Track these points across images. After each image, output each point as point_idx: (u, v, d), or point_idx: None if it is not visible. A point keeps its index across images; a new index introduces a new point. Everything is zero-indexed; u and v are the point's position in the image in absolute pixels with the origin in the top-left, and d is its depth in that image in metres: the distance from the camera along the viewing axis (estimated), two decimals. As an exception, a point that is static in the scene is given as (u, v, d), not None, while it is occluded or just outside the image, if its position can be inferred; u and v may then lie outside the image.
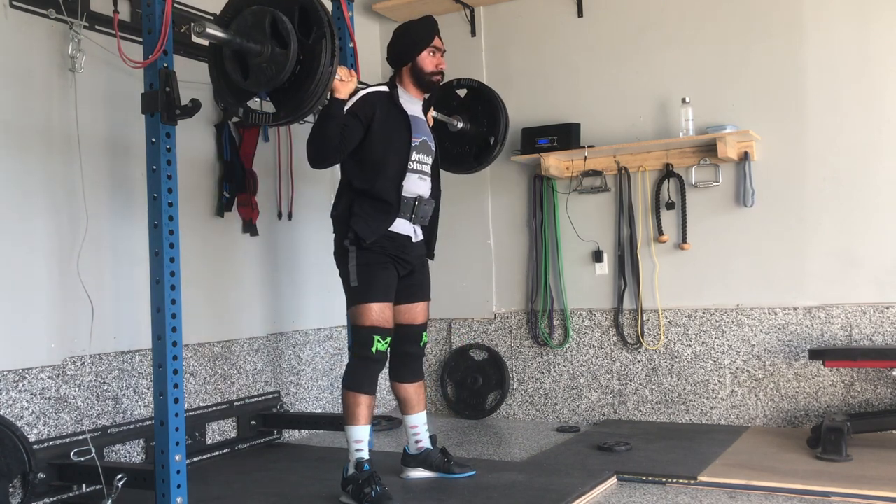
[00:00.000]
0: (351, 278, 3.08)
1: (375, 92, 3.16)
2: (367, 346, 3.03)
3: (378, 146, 3.08)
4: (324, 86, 2.65)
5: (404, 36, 3.27)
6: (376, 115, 3.08)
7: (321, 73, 2.62)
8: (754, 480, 3.08)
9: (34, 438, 3.03)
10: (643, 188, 4.45)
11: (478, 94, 3.82)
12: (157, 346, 2.75)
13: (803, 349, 4.05)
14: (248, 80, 2.68)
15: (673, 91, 4.35)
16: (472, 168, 3.90)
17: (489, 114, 3.80)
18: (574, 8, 4.66)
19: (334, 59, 2.63)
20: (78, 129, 3.23)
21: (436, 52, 3.27)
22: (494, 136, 3.78)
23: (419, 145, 3.20)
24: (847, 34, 4.02)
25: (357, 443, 3.01)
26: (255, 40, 2.62)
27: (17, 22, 3.10)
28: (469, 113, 3.80)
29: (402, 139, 3.13)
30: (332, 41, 2.62)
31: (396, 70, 3.28)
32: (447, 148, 3.77)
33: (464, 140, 3.82)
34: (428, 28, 3.27)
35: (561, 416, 4.63)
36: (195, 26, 2.54)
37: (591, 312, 4.58)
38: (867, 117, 3.98)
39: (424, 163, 3.24)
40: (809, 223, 4.08)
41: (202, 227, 3.83)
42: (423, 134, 3.24)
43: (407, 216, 3.16)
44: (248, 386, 4.03)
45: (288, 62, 2.59)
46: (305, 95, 2.65)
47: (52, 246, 3.17)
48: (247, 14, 2.65)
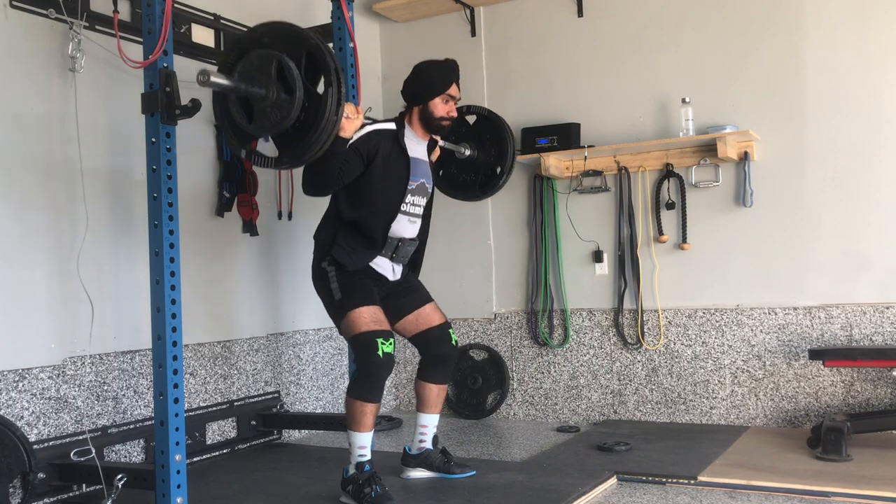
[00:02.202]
0: (334, 292, 3.04)
1: (381, 130, 3.12)
2: (371, 351, 2.92)
3: (374, 185, 3.06)
4: (328, 134, 2.61)
5: (421, 77, 3.23)
6: (378, 154, 3.05)
7: (326, 122, 2.58)
8: (754, 480, 3.08)
9: (34, 438, 3.03)
10: (643, 188, 4.45)
11: (487, 122, 3.74)
12: (157, 346, 2.75)
13: (803, 349, 4.05)
14: (252, 124, 2.64)
15: (673, 91, 4.35)
16: (477, 197, 3.84)
17: (497, 143, 3.72)
18: (574, 8, 4.66)
19: (339, 107, 2.58)
20: (78, 130, 3.23)
21: (449, 100, 3.21)
22: (501, 167, 3.71)
23: (415, 188, 3.18)
24: (847, 34, 4.02)
25: (360, 448, 2.99)
26: (261, 84, 2.57)
27: (17, 22, 3.10)
28: (477, 140, 3.72)
29: (400, 181, 3.11)
30: (338, 90, 2.56)
31: (408, 106, 3.25)
32: (453, 174, 3.72)
33: (470, 168, 3.74)
34: (446, 74, 3.21)
35: (561, 416, 4.63)
36: (199, 75, 2.51)
37: (591, 312, 4.58)
38: (867, 117, 3.98)
39: (418, 205, 3.23)
40: (809, 223, 4.08)
41: (202, 227, 3.83)
42: (421, 176, 3.21)
43: (388, 255, 3.17)
44: (248, 386, 4.04)
45: (293, 109, 2.55)
46: (309, 143, 2.61)
47: (52, 246, 3.17)
48: (253, 57, 2.61)
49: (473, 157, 3.70)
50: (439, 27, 5.02)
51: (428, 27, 5.06)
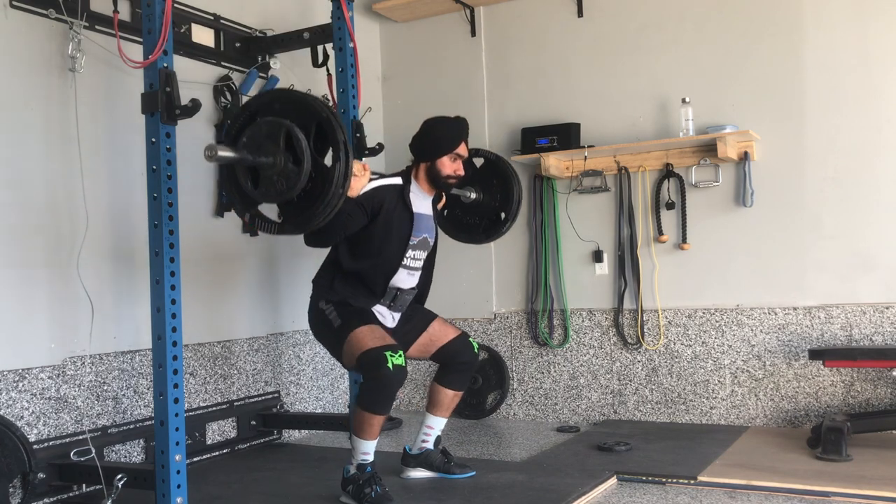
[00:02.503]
0: (333, 321, 3.03)
1: (387, 186, 3.11)
2: (380, 365, 2.83)
3: (376, 239, 3.06)
4: (333, 207, 2.57)
5: (430, 134, 3.22)
6: (382, 210, 3.05)
7: (332, 196, 2.54)
8: (754, 480, 3.08)
9: (34, 438, 3.03)
10: (643, 188, 4.45)
11: (494, 166, 3.70)
12: (157, 346, 2.75)
13: (803, 349, 4.05)
14: (257, 190, 2.61)
15: (673, 91, 4.35)
16: (480, 240, 3.81)
17: (503, 188, 3.68)
18: (574, 8, 4.66)
19: (346, 181, 2.54)
20: (78, 129, 3.23)
21: (457, 159, 3.21)
22: (506, 212, 3.67)
23: (417, 243, 3.18)
24: (847, 34, 4.02)
25: (364, 454, 2.98)
26: (268, 151, 2.54)
27: (17, 22, 3.09)
28: (483, 183, 3.68)
29: (402, 236, 3.11)
30: (346, 164, 2.53)
31: (415, 161, 3.24)
32: (457, 216, 3.69)
33: (475, 211, 3.71)
34: (455, 133, 3.19)
35: (561, 416, 4.63)
36: (206, 150, 2.49)
37: (591, 312, 4.58)
38: (867, 117, 3.98)
39: (418, 259, 3.23)
40: (809, 223, 4.08)
41: (202, 227, 3.83)
42: (424, 231, 3.22)
43: (386, 304, 3.16)
44: (248, 386, 4.03)
45: (300, 180, 2.51)
46: (314, 214, 2.58)
47: (52, 246, 3.17)
48: (262, 124, 2.57)
49: (479, 200, 3.65)
50: (439, 27, 5.02)
51: (428, 27, 5.06)
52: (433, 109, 4.98)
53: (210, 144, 2.50)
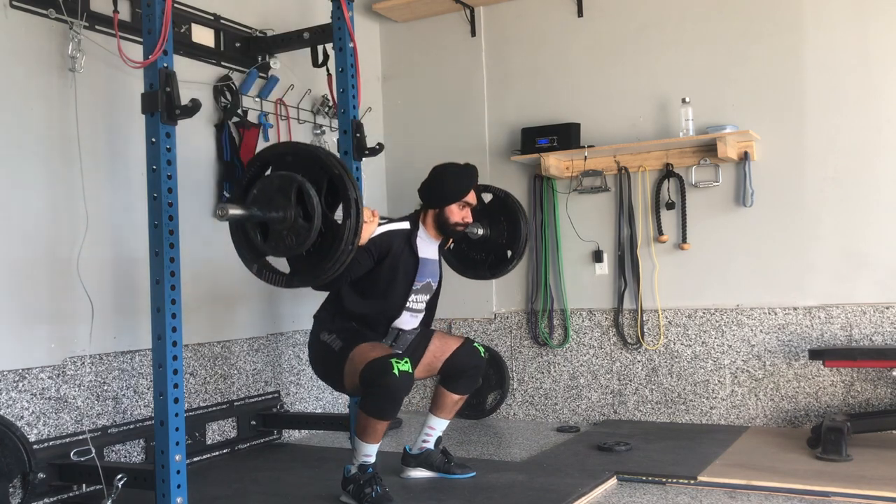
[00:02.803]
0: (334, 346, 3.02)
1: (395, 231, 3.12)
2: (385, 373, 2.80)
3: (381, 283, 3.07)
4: (342, 263, 2.56)
5: (440, 182, 3.21)
6: (389, 255, 3.06)
7: (341, 253, 2.52)
8: (754, 480, 3.08)
9: (34, 438, 3.03)
10: (643, 188, 4.45)
11: (503, 203, 3.67)
12: (157, 346, 2.75)
13: (803, 349, 4.05)
14: (266, 243, 2.60)
15: (673, 91, 4.35)
16: (485, 276, 3.78)
17: (511, 226, 3.65)
18: (574, 8, 4.66)
19: (356, 237, 2.52)
20: (78, 129, 3.23)
21: (465, 206, 3.21)
22: (513, 250, 3.64)
23: (420, 288, 3.19)
24: (847, 34, 4.02)
25: (366, 456, 2.97)
26: (279, 206, 2.52)
27: (17, 22, 3.09)
28: (490, 219, 3.65)
29: (406, 281, 3.12)
30: (356, 221, 2.50)
31: (423, 207, 3.24)
32: (463, 251, 3.67)
33: (481, 247, 3.68)
34: (464, 182, 3.19)
35: (561, 416, 4.63)
36: (217, 210, 2.48)
37: (591, 312, 4.58)
38: (867, 117, 3.98)
39: (421, 301, 3.24)
40: (809, 223, 4.08)
41: (202, 227, 3.83)
42: (428, 276, 3.23)
43: (388, 343, 3.17)
44: (248, 386, 4.03)
45: (310, 237, 2.49)
46: (323, 269, 2.56)
47: (52, 246, 3.17)
48: (274, 177, 2.56)
49: (486, 236, 3.63)
50: (439, 27, 5.02)
51: (428, 27, 5.06)
52: (433, 109, 5.03)
53: (220, 204, 2.50)
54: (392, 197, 5.14)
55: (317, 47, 4.00)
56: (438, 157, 4.55)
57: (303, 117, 4.44)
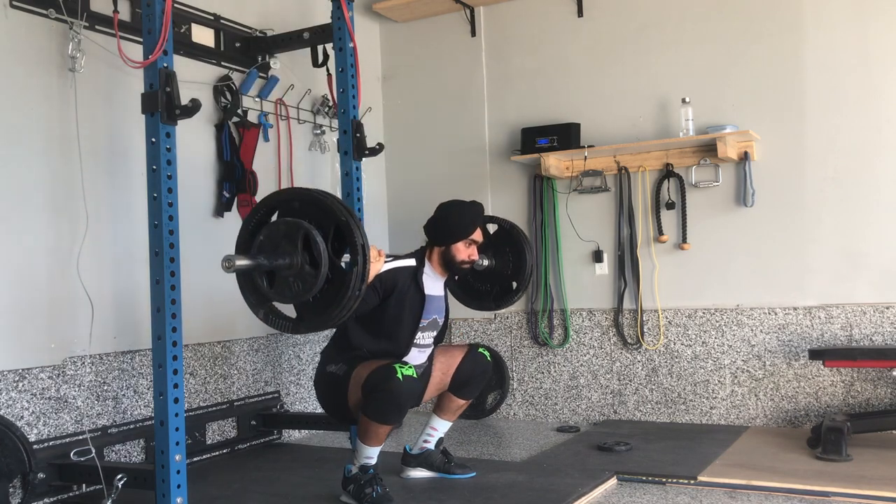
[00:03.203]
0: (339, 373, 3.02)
1: (401, 268, 3.12)
2: (389, 377, 2.81)
3: (387, 320, 3.07)
4: (349, 309, 2.55)
5: (446, 220, 3.20)
6: (395, 292, 3.06)
7: (348, 300, 2.51)
8: (754, 480, 3.08)
9: (34, 438, 3.03)
10: (643, 188, 4.45)
11: (508, 235, 3.65)
12: (157, 346, 2.75)
13: (803, 349, 4.05)
14: (272, 290, 2.59)
15: (673, 91, 4.35)
16: (490, 308, 3.75)
17: (516, 257, 3.63)
18: (574, 8, 4.66)
19: (363, 284, 2.51)
20: (78, 129, 3.23)
21: (471, 244, 3.21)
22: (517, 282, 3.62)
23: (426, 325, 3.19)
24: (847, 34, 4.02)
25: (367, 458, 2.97)
26: (285, 252, 2.51)
27: (17, 22, 3.09)
28: (495, 250, 3.63)
29: (412, 318, 3.11)
30: (363, 268, 2.49)
31: (429, 244, 3.24)
32: (468, 282, 3.65)
33: (486, 278, 3.65)
34: (470, 220, 3.19)
35: (561, 416, 4.63)
36: (224, 262, 2.47)
37: (591, 312, 4.58)
38: (867, 117, 3.98)
39: (428, 338, 3.23)
40: (809, 223, 4.08)
41: (202, 227, 3.83)
42: (434, 313, 3.22)
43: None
44: (248, 386, 4.03)
45: (316, 284, 2.48)
46: (329, 315, 2.56)
47: (52, 246, 3.17)
48: (280, 224, 2.56)
49: (491, 267, 3.60)
50: (439, 27, 5.02)
51: (428, 27, 5.06)
52: (433, 109, 5.03)
53: (227, 256, 2.49)
54: (392, 197, 5.14)
55: (317, 47, 4.00)
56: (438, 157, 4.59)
57: (303, 117, 4.44)
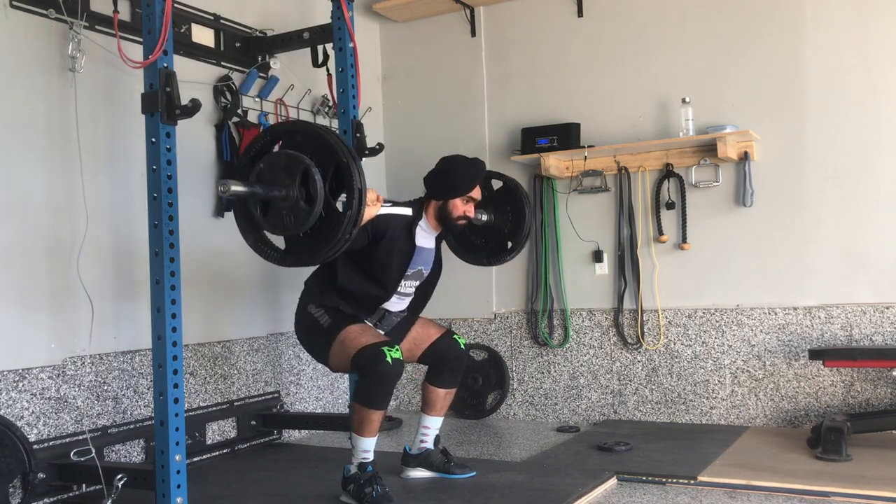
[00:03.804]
0: (322, 323, 3.04)
1: (396, 216, 3.12)
2: (378, 361, 2.86)
3: (375, 265, 3.07)
4: (337, 251, 2.56)
5: (447, 175, 3.20)
6: (385, 238, 3.06)
7: (338, 241, 2.53)
8: (754, 480, 3.08)
9: (34, 438, 3.03)
10: (643, 188, 4.45)
11: (511, 194, 3.64)
12: (157, 346, 2.75)
13: (803, 349, 4.05)
14: (265, 219, 2.59)
15: (673, 91, 4.35)
16: (482, 263, 3.76)
17: (515, 217, 3.63)
18: (574, 8, 4.66)
19: (355, 228, 2.53)
20: (78, 129, 3.23)
21: (469, 201, 3.22)
22: (513, 242, 3.63)
23: (411, 274, 3.19)
24: (847, 34, 4.02)
25: (364, 452, 2.98)
26: (282, 184, 2.51)
27: (17, 22, 3.09)
28: (496, 207, 3.63)
29: (399, 267, 3.12)
30: (358, 211, 2.50)
31: (427, 196, 3.24)
32: (465, 234, 3.64)
33: (483, 233, 3.66)
34: (471, 177, 3.19)
35: (561, 416, 4.63)
36: (219, 186, 2.47)
37: (591, 312, 4.58)
38: (867, 117, 3.98)
39: (410, 287, 3.23)
40: (809, 223, 4.08)
41: (202, 227, 3.83)
42: (420, 264, 3.22)
43: (373, 322, 3.17)
44: (248, 386, 4.03)
45: (309, 220, 2.50)
46: (317, 253, 2.58)
47: (52, 246, 3.17)
48: (282, 155, 2.55)
49: (490, 223, 3.60)
50: (439, 27, 5.02)
51: (428, 27, 5.06)
52: (433, 109, 5.03)
53: (223, 180, 2.49)
54: (392, 197, 5.12)
55: (317, 47, 4.00)
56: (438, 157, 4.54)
57: (303, 117, 4.44)
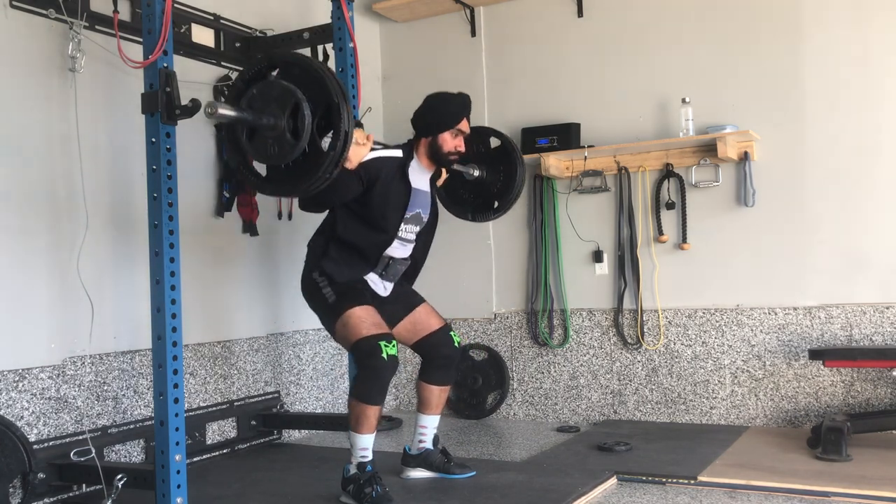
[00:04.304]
0: (327, 296, 3.04)
1: (387, 158, 3.11)
2: (374, 355, 2.89)
3: (371, 210, 3.06)
4: (317, 187, 2.58)
5: (433, 110, 3.20)
6: (379, 181, 3.05)
7: (317, 179, 2.54)
8: (754, 480, 3.08)
9: (34, 438, 3.03)
10: (643, 188, 4.45)
11: (506, 154, 3.63)
12: (157, 346, 2.75)
13: (803, 349, 4.05)
14: (249, 144, 2.60)
15: (673, 91, 4.35)
16: (466, 218, 3.75)
17: (507, 178, 3.62)
18: (574, 8, 4.66)
19: (336, 168, 2.54)
20: (78, 129, 3.23)
21: (459, 135, 3.20)
22: (500, 203, 3.63)
23: (410, 217, 3.18)
24: (847, 34, 4.02)
25: (362, 450, 2.98)
26: (271, 113, 2.52)
27: (17, 22, 3.10)
28: (490, 165, 3.62)
29: (397, 210, 3.11)
30: (341, 152, 2.51)
31: (416, 136, 3.24)
32: (455, 187, 3.65)
33: (472, 188, 3.65)
34: (458, 109, 3.19)
35: (561, 416, 4.63)
36: (206, 107, 2.47)
37: (591, 312, 4.58)
38: (867, 117, 3.98)
39: (411, 232, 3.22)
40: (809, 223, 4.08)
41: (202, 227, 3.83)
42: (418, 207, 3.21)
43: (378, 272, 3.17)
44: (248, 386, 4.03)
45: (292, 153, 2.51)
46: (296, 186, 2.61)
47: (52, 246, 3.17)
48: (276, 85, 2.55)
49: (481, 178, 3.60)
50: (439, 27, 5.02)
51: (428, 27, 5.06)
52: (433, 109, 5.02)
53: (210, 101, 2.49)
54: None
55: (317, 47, 4.00)
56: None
57: (303, 117, 4.43)
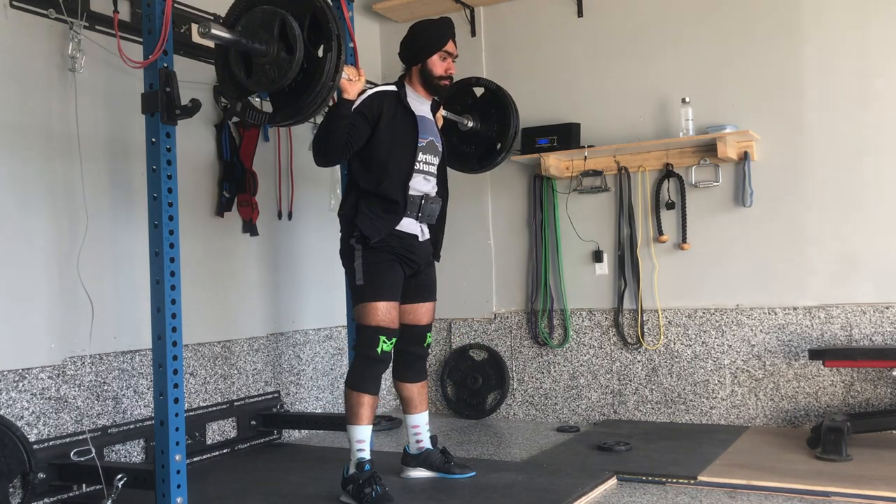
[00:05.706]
0: (357, 276, 3.08)
1: (383, 91, 3.15)
2: (371, 347, 3.02)
3: (384, 146, 3.08)
4: (322, 98, 2.64)
5: (418, 36, 3.24)
6: (383, 115, 3.08)
7: (321, 87, 2.61)
8: (754, 480, 3.08)
9: (34, 438, 3.03)
10: (643, 188, 4.45)
11: (494, 96, 3.76)
12: (157, 346, 2.75)
13: (803, 349, 4.05)
14: (249, 79, 2.68)
15: (673, 91, 4.35)
16: (474, 170, 3.89)
17: (501, 118, 3.74)
18: (574, 8, 4.66)
19: (337, 74, 2.62)
20: (78, 129, 3.23)
21: (447, 57, 3.23)
22: (501, 143, 3.73)
23: (426, 146, 3.19)
24: (846, 34, 4.02)
25: (359, 443, 3.00)
26: (262, 40, 2.60)
27: (17, 22, 3.09)
28: (481, 113, 3.74)
29: (409, 140, 3.13)
30: (337, 56, 2.60)
31: (406, 68, 3.28)
32: (453, 144, 3.75)
33: (471, 140, 3.78)
34: (442, 31, 3.23)
35: (561, 416, 4.63)
36: (200, 27, 2.53)
37: (591, 312, 4.58)
38: (867, 117, 3.98)
39: (431, 163, 3.23)
40: (809, 223, 4.08)
41: (202, 227, 3.83)
42: (430, 134, 3.22)
43: (413, 215, 3.16)
44: (248, 386, 4.03)
45: (291, 69, 2.58)
46: (304, 104, 2.66)
47: (52, 246, 3.17)
48: (258, 12, 2.64)
49: (476, 129, 3.70)
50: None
51: (428, 27, 5.05)
52: (433, 109, 5.02)
53: (204, 22, 2.54)
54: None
55: (317, 47, 4.00)
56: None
57: (303, 117, 4.43)
